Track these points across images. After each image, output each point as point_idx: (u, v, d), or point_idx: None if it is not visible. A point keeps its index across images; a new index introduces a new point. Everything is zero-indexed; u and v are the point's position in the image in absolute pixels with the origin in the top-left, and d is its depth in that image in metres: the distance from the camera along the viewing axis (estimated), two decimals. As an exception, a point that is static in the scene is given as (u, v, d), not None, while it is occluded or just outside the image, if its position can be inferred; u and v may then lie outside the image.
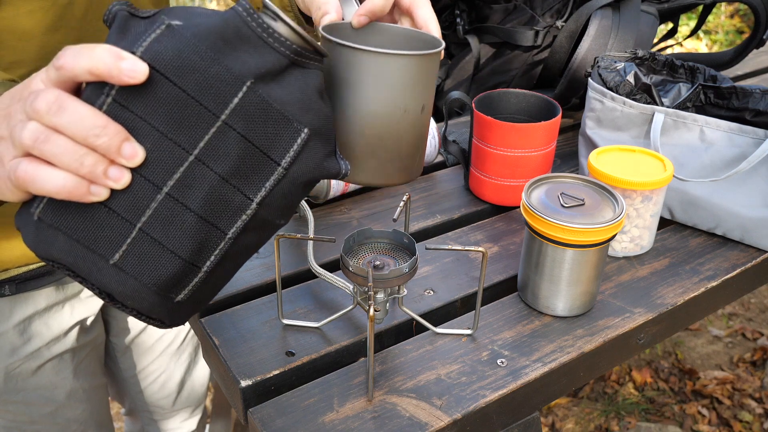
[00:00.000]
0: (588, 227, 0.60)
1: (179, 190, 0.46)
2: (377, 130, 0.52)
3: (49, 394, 0.84)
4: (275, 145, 0.48)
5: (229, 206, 0.48)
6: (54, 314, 0.81)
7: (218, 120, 0.45)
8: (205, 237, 0.48)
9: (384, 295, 0.62)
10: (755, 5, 1.04)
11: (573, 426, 1.68)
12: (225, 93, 0.45)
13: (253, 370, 0.59)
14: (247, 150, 0.47)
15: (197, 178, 0.46)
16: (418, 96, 0.52)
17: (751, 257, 0.76)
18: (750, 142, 0.73)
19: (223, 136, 0.46)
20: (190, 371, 1.03)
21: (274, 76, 0.47)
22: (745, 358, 1.88)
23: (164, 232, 0.46)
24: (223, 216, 0.48)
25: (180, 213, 0.46)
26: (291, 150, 0.48)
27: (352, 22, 0.57)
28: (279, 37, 0.46)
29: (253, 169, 0.48)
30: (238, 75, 0.45)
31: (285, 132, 0.48)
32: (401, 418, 0.55)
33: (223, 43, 0.44)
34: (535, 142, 0.79)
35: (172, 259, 0.47)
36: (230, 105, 0.45)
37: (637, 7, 0.98)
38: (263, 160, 0.48)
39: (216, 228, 0.48)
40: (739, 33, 3.85)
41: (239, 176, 0.47)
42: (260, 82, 0.46)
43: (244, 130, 0.46)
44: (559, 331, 0.65)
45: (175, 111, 0.44)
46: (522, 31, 1.01)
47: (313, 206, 0.85)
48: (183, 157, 0.45)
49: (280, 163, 0.48)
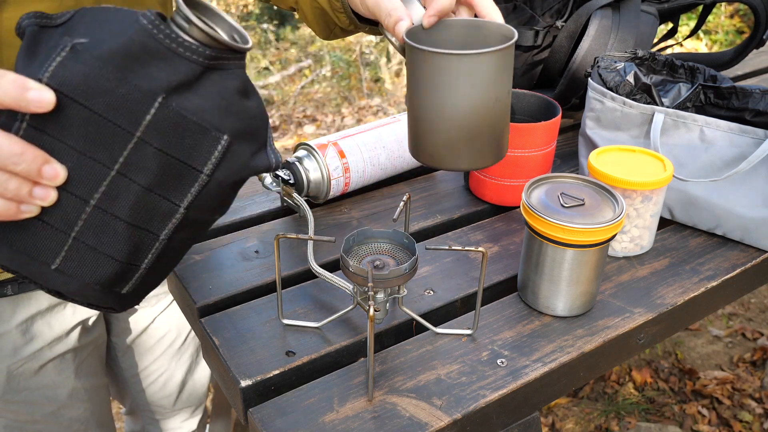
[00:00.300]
0: (588, 227, 0.60)
1: (106, 202, 0.47)
2: (476, 121, 0.55)
3: (50, 393, 0.84)
4: (195, 155, 0.48)
5: (158, 212, 0.49)
6: (56, 314, 0.81)
7: (134, 137, 0.46)
8: (139, 240, 0.50)
9: (384, 295, 0.62)
10: (755, 5, 1.05)
11: (573, 426, 1.68)
12: (136, 111, 0.45)
13: (253, 370, 0.59)
14: (167, 162, 0.48)
15: (122, 190, 0.47)
16: (506, 83, 0.56)
17: (751, 257, 0.76)
18: (750, 142, 0.73)
19: (141, 151, 0.47)
20: (192, 372, 1.03)
21: (189, 85, 0.46)
22: (745, 358, 1.88)
23: (98, 240, 0.48)
24: (153, 221, 0.50)
25: (110, 222, 0.48)
26: (212, 158, 0.49)
27: (423, 24, 0.59)
28: (190, 46, 0.45)
29: (176, 178, 0.49)
30: (148, 92, 0.45)
31: (204, 141, 0.48)
32: (401, 418, 0.55)
33: (130, 61, 0.44)
34: (535, 142, 0.79)
35: (109, 261, 0.49)
36: (143, 122, 0.46)
37: (637, 7, 0.98)
38: (185, 170, 0.49)
39: (148, 231, 0.50)
40: (739, 33, 3.84)
41: (163, 186, 0.48)
42: (174, 94, 0.46)
43: (161, 144, 0.47)
44: (559, 331, 0.65)
45: (90, 131, 0.45)
46: (522, 31, 1.01)
47: (313, 206, 0.85)
48: (105, 173, 0.47)
49: (203, 171, 0.49)
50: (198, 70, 0.46)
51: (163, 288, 0.95)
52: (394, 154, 0.86)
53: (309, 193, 0.82)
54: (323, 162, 0.80)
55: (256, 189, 0.89)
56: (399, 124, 0.87)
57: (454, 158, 0.57)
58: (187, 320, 0.75)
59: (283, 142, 3.44)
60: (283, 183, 0.79)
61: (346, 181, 0.82)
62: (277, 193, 0.81)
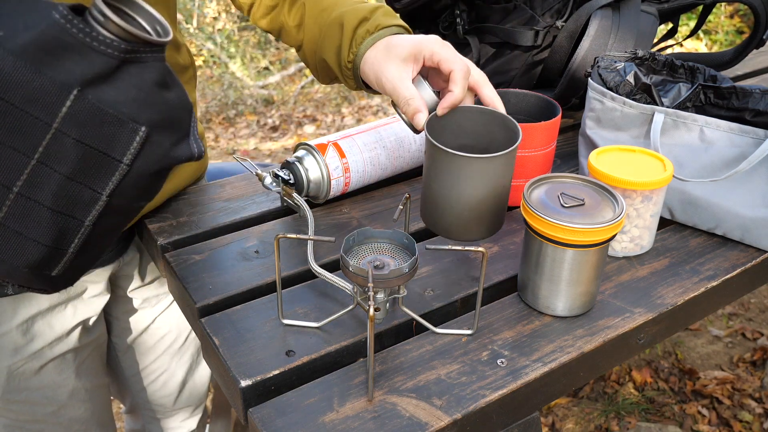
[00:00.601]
0: (588, 227, 0.60)
1: (29, 189, 0.49)
2: (485, 205, 0.65)
3: (51, 393, 0.84)
4: (114, 145, 0.50)
5: (80, 200, 0.51)
6: (57, 314, 0.81)
7: (51, 128, 0.47)
8: (64, 226, 0.52)
9: (384, 295, 0.62)
10: (755, 5, 1.05)
11: (573, 426, 1.68)
12: (52, 103, 0.47)
13: (253, 370, 0.59)
14: (86, 152, 0.49)
15: (43, 178, 0.49)
16: (510, 173, 0.66)
17: (751, 257, 0.76)
18: (750, 142, 0.73)
19: (60, 141, 0.48)
20: (192, 371, 1.03)
21: (105, 78, 0.47)
22: (745, 358, 1.88)
23: (23, 225, 0.50)
24: (76, 208, 0.52)
25: (34, 208, 0.50)
26: (131, 148, 0.50)
27: (437, 113, 0.68)
28: (104, 40, 0.46)
29: (96, 167, 0.50)
30: (64, 84, 0.46)
31: (122, 132, 0.49)
32: (401, 418, 0.55)
33: (44, 55, 0.45)
34: (535, 142, 0.79)
35: (35, 245, 0.51)
36: (60, 114, 0.47)
37: (637, 7, 0.98)
38: (105, 160, 0.50)
39: (72, 218, 0.52)
40: (739, 33, 3.84)
41: (84, 174, 0.50)
42: (90, 86, 0.47)
43: (79, 135, 0.48)
44: (559, 331, 0.65)
45: (8, 122, 0.46)
46: (522, 31, 1.01)
47: (313, 206, 0.85)
48: (25, 162, 0.48)
49: (122, 160, 0.51)
50: (114, 64, 0.47)
51: (163, 288, 0.95)
52: (394, 154, 0.86)
53: (309, 193, 0.82)
54: (323, 162, 0.80)
55: (256, 189, 0.89)
56: (399, 124, 0.87)
57: (466, 233, 0.67)
58: (187, 320, 0.75)
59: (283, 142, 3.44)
60: (283, 183, 0.79)
61: (346, 181, 0.82)
62: (277, 193, 0.81)
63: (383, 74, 0.69)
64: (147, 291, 0.93)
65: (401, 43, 0.70)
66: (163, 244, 0.77)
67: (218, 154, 3.33)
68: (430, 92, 0.71)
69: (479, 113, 0.69)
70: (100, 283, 0.86)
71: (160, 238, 0.78)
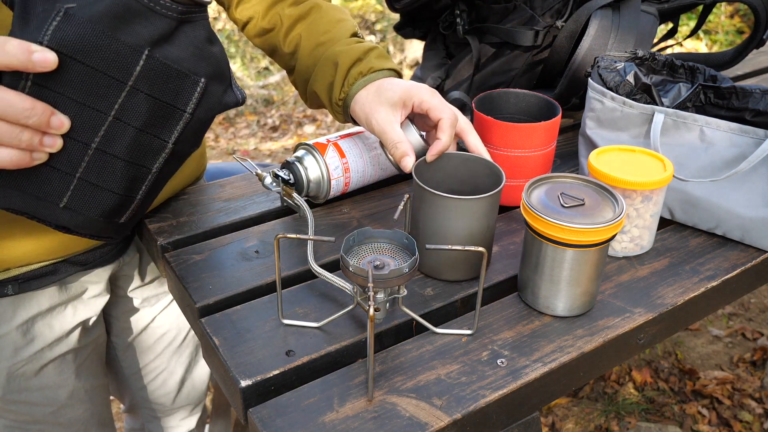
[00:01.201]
0: (588, 227, 0.60)
1: (105, 144, 0.56)
2: (473, 244, 0.67)
3: (51, 394, 0.84)
4: (179, 97, 0.57)
5: (150, 149, 0.58)
6: (56, 315, 0.81)
7: (126, 86, 0.54)
8: (135, 174, 0.59)
9: (384, 295, 0.62)
10: (755, 5, 1.04)
11: (573, 426, 1.68)
12: (127, 64, 0.53)
13: (253, 370, 0.59)
14: (155, 105, 0.56)
15: (118, 133, 0.56)
16: (494, 215, 0.68)
17: (751, 257, 0.76)
18: (750, 142, 0.73)
19: (134, 97, 0.55)
20: (191, 370, 1.03)
21: (168, 38, 0.55)
22: (745, 358, 1.88)
23: (100, 177, 0.57)
24: (146, 157, 0.59)
25: (110, 161, 0.56)
26: (193, 98, 0.58)
27: (426, 159, 0.71)
28: (165, 3, 0.53)
29: (164, 118, 0.57)
30: (136, 46, 0.53)
31: (185, 85, 0.57)
32: (401, 418, 0.55)
33: (117, 21, 0.51)
34: (535, 142, 0.79)
35: (110, 195, 0.58)
36: (134, 73, 0.54)
37: (637, 7, 0.98)
38: (172, 111, 0.57)
39: (143, 166, 0.59)
40: (739, 33, 3.85)
41: (154, 126, 0.57)
42: (156, 47, 0.54)
43: (150, 90, 0.55)
44: (559, 331, 0.65)
45: (88, 84, 0.52)
46: (522, 31, 1.01)
47: (313, 206, 0.85)
48: (103, 119, 0.54)
49: (186, 110, 0.58)
50: (173, 24, 0.54)
51: (162, 287, 0.95)
52: (394, 154, 0.86)
53: (309, 193, 0.82)
54: (323, 162, 0.80)
55: (256, 189, 0.89)
56: (399, 124, 0.87)
57: (452, 273, 0.70)
58: (187, 320, 0.75)
59: (283, 142, 3.44)
60: (283, 183, 0.79)
61: (346, 181, 0.82)
62: (277, 193, 0.81)
63: (373, 116, 0.72)
64: (147, 291, 0.93)
65: (392, 87, 0.72)
66: (163, 244, 0.77)
67: (218, 154, 3.33)
68: (417, 136, 0.74)
69: (465, 159, 0.72)
70: (100, 283, 0.86)
71: (160, 238, 0.78)
